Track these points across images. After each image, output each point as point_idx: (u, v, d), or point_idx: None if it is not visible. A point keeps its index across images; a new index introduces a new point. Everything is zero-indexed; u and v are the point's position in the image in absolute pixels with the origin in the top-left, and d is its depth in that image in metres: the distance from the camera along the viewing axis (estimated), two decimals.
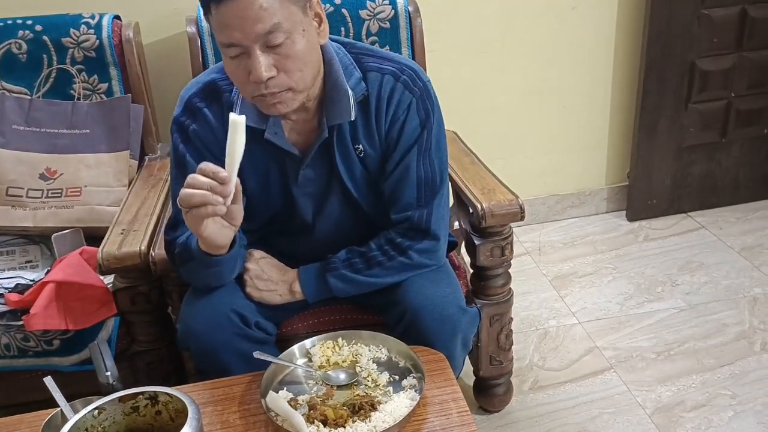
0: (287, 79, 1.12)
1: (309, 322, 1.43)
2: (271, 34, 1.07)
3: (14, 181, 1.67)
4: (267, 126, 1.22)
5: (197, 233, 1.11)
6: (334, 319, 1.43)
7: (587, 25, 2.33)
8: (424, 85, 1.26)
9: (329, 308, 1.44)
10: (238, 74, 1.12)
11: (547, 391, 1.81)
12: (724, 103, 2.45)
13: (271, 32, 1.07)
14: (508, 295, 1.58)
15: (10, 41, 1.72)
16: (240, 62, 1.10)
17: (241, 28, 1.06)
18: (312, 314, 1.43)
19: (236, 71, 1.12)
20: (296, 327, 1.42)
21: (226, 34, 1.07)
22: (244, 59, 1.10)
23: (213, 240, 1.12)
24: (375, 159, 1.28)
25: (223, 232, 1.12)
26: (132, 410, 0.99)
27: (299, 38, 1.11)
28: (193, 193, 1.04)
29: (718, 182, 2.58)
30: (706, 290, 2.16)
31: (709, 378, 1.81)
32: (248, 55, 1.09)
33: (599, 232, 2.53)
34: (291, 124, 1.25)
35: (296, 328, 1.42)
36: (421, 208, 1.29)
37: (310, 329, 1.42)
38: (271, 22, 1.06)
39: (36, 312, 1.37)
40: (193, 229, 1.11)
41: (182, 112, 1.25)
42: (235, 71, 1.13)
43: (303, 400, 1.12)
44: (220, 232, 1.12)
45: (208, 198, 1.04)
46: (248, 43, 1.07)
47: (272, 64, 1.09)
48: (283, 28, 1.08)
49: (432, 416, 1.09)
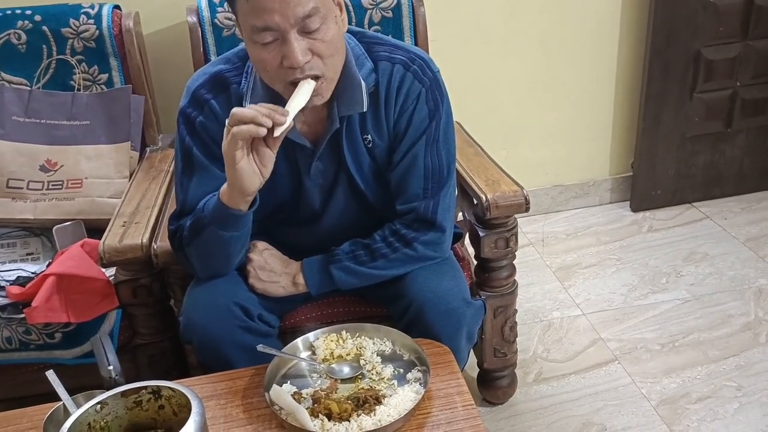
0: (321, 64, 1.11)
1: (312, 315, 1.42)
2: (309, 18, 1.06)
3: (14, 172, 1.66)
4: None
5: (231, 160, 1.09)
6: (337, 312, 1.43)
7: (591, 15, 2.30)
8: (434, 75, 1.25)
9: (333, 300, 1.43)
10: (270, 61, 1.10)
11: (551, 383, 1.81)
12: (729, 92, 2.43)
13: (309, 16, 1.06)
14: (512, 286, 1.57)
15: (9, 31, 1.71)
16: (273, 49, 1.09)
17: (281, 11, 1.04)
18: (315, 307, 1.42)
19: (267, 58, 1.10)
20: (299, 320, 1.41)
21: (263, 18, 1.05)
22: (277, 46, 1.08)
23: (242, 178, 1.10)
24: (383, 149, 1.27)
25: (252, 174, 1.10)
26: (135, 405, 0.98)
27: (332, 24, 1.11)
28: (247, 111, 1.05)
29: (722, 172, 2.56)
30: (711, 281, 2.15)
31: (714, 369, 1.80)
32: (283, 40, 1.07)
33: (603, 222, 2.52)
34: (301, 116, 1.24)
35: (299, 321, 1.41)
36: (427, 200, 1.28)
37: (313, 322, 1.41)
38: (310, 5, 1.06)
39: (37, 305, 1.37)
40: (230, 154, 1.08)
41: (189, 103, 1.24)
42: (266, 58, 1.10)
43: (307, 394, 1.11)
44: (250, 171, 1.10)
45: (258, 117, 1.04)
46: (286, 27, 1.06)
47: (308, 49, 1.09)
48: (320, 13, 1.07)
49: (437, 409, 1.08)
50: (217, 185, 1.19)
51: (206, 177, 1.23)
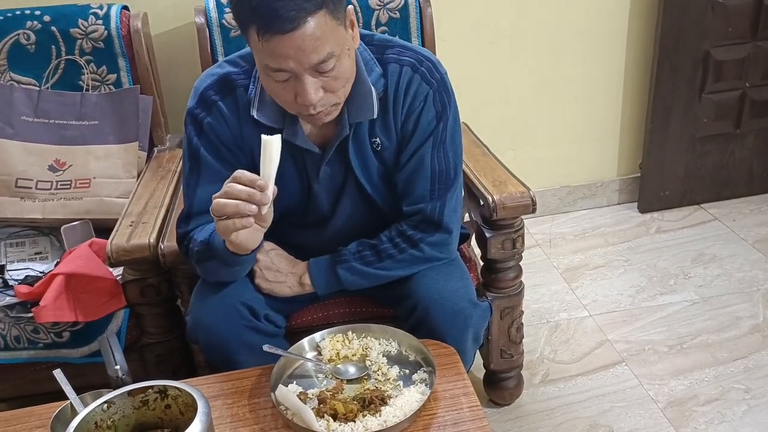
0: (333, 98, 1.12)
1: (318, 315, 1.42)
2: (323, 63, 1.06)
3: (23, 172, 1.67)
4: (285, 126, 1.21)
5: (228, 240, 1.10)
6: (343, 312, 1.43)
7: (600, 15, 2.30)
8: (441, 77, 1.25)
9: (339, 301, 1.43)
10: (284, 95, 1.11)
11: (558, 384, 1.80)
12: (738, 93, 2.42)
13: (324, 61, 1.06)
14: (519, 288, 1.57)
15: (19, 32, 1.72)
16: (286, 85, 1.09)
17: (296, 59, 1.04)
18: (322, 307, 1.42)
19: (282, 93, 1.11)
20: (306, 320, 1.41)
21: (278, 62, 1.05)
22: (291, 82, 1.08)
23: (244, 244, 1.11)
24: (391, 151, 1.27)
25: (254, 235, 1.11)
26: (141, 404, 0.99)
27: (345, 59, 1.11)
28: (227, 203, 1.03)
29: (731, 173, 2.55)
30: (719, 283, 2.14)
31: (722, 372, 1.79)
32: (297, 78, 1.07)
33: (611, 223, 2.51)
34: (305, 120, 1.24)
35: (306, 321, 1.41)
36: (434, 201, 1.28)
37: (319, 322, 1.41)
38: (325, 51, 1.05)
39: (46, 304, 1.37)
40: (224, 236, 1.09)
41: (196, 104, 1.24)
42: (280, 93, 1.11)
43: (312, 394, 1.11)
44: (251, 236, 1.10)
45: (241, 208, 1.02)
46: (300, 71, 1.06)
47: (321, 86, 1.09)
48: (335, 55, 1.07)
49: (443, 411, 1.08)
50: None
51: (214, 177, 1.23)
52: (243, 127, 1.23)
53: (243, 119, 1.22)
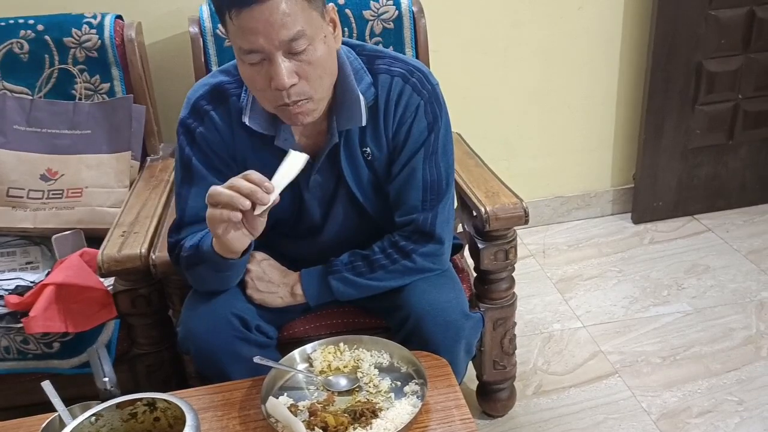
0: (307, 87, 1.11)
1: (310, 326, 1.41)
2: (294, 42, 1.06)
3: (15, 181, 1.67)
4: (277, 132, 1.21)
5: (214, 234, 1.11)
6: (335, 323, 1.42)
7: (593, 26, 2.31)
8: (432, 89, 1.25)
9: (331, 312, 1.42)
10: (258, 81, 1.10)
11: (551, 395, 1.80)
12: (731, 104, 2.43)
13: (295, 39, 1.06)
14: (512, 299, 1.57)
15: (12, 41, 1.71)
16: (260, 69, 1.09)
17: (265, 34, 1.04)
18: (313, 318, 1.42)
19: (256, 78, 1.10)
20: (297, 331, 1.41)
21: (249, 40, 1.05)
22: (265, 66, 1.08)
23: (229, 244, 1.11)
24: (382, 161, 1.27)
25: (241, 238, 1.11)
26: (130, 416, 0.98)
27: (320, 45, 1.10)
28: (222, 192, 1.05)
29: (724, 185, 2.56)
30: (713, 294, 2.14)
31: (715, 383, 1.79)
32: (270, 61, 1.07)
33: (604, 234, 2.52)
34: (300, 129, 1.24)
35: (297, 332, 1.41)
36: (426, 212, 1.28)
37: (311, 333, 1.40)
38: (295, 28, 1.05)
39: (36, 314, 1.36)
40: (212, 229, 1.10)
41: (189, 114, 1.24)
42: (254, 78, 1.10)
43: (303, 406, 1.11)
44: (238, 238, 1.11)
45: (234, 200, 1.03)
46: (271, 50, 1.06)
47: (294, 71, 1.08)
48: (306, 35, 1.07)
49: (434, 423, 1.07)
50: None
51: (205, 188, 1.22)
52: (235, 137, 1.23)
53: (235, 128, 1.23)
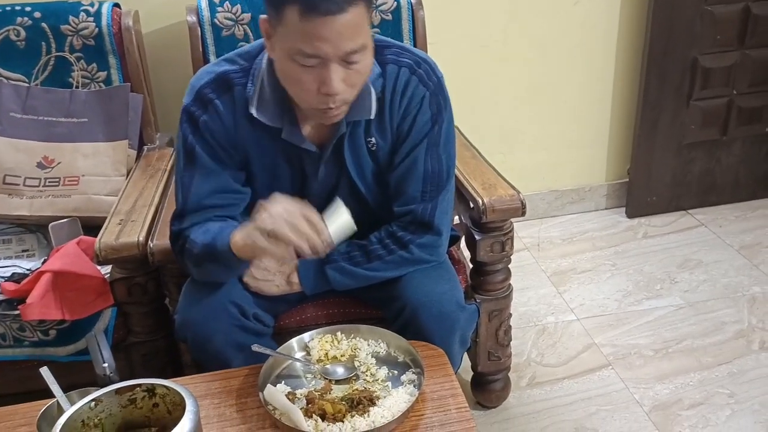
0: (350, 93, 1.12)
1: (307, 315, 1.42)
2: (354, 53, 1.07)
3: (11, 169, 1.66)
4: (284, 125, 1.21)
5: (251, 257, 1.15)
6: (332, 313, 1.42)
7: (589, 21, 2.31)
8: (438, 81, 1.26)
9: (328, 301, 1.43)
10: (306, 83, 1.09)
11: (545, 387, 1.81)
12: (725, 100, 2.44)
13: (355, 51, 1.07)
14: (507, 290, 1.57)
15: (9, 28, 1.71)
16: (311, 72, 1.08)
17: (333, 44, 1.04)
18: (310, 307, 1.42)
19: (304, 79, 1.09)
20: (294, 320, 1.41)
21: (313, 46, 1.04)
22: (317, 70, 1.07)
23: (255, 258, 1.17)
24: (385, 151, 1.28)
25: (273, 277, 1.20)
26: (129, 402, 0.98)
27: (369, 54, 1.12)
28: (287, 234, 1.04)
29: (718, 180, 2.57)
30: (705, 288, 2.16)
31: (707, 376, 1.81)
32: (324, 67, 1.07)
33: (598, 228, 2.53)
34: (304, 119, 1.23)
35: (294, 321, 1.41)
36: (425, 202, 1.28)
37: (308, 322, 1.41)
38: (359, 41, 1.06)
39: (32, 302, 1.36)
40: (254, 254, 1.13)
41: (192, 101, 1.22)
42: (302, 78, 1.09)
43: (301, 394, 1.11)
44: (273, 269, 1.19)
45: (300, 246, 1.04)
46: (333, 58, 1.06)
47: (343, 79, 1.09)
48: (366, 47, 1.09)
49: (430, 412, 1.08)
50: (220, 183, 1.21)
51: (209, 175, 1.22)
52: (238, 126, 1.22)
53: (239, 118, 1.22)
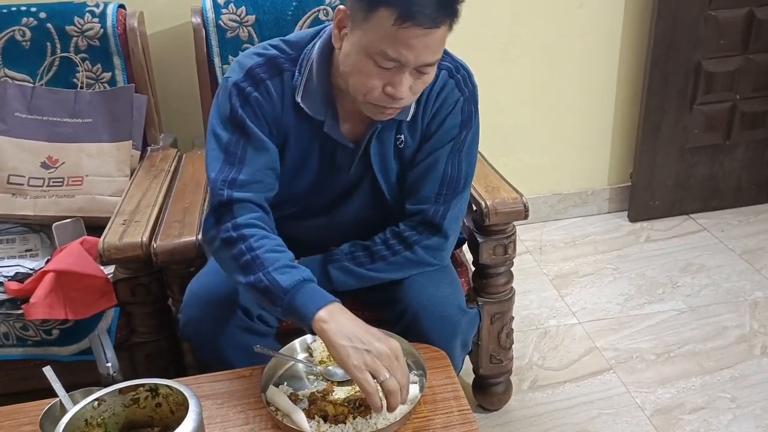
0: (410, 100, 1.15)
1: None
2: (430, 66, 1.10)
3: (15, 168, 1.66)
4: (326, 118, 1.21)
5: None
6: None
7: (593, 24, 2.32)
8: (473, 89, 1.28)
9: None
10: (375, 80, 1.10)
11: (546, 390, 1.81)
12: (729, 105, 2.44)
13: (431, 64, 1.10)
14: (509, 293, 1.58)
15: (14, 28, 1.71)
16: (383, 71, 1.09)
17: (418, 54, 1.06)
18: None
19: (374, 76, 1.10)
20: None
21: (399, 51, 1.06)
22: (390, 71, 1.09)
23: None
24: (412, 150, 1.29)
25: None
26: (132, 402, 0.98)
27: (436, 68, 1.15)
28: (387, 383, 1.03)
29: (720, 184, 2.57)
30: (707, 293, 2.16)
31: (708, 381, 1.81)
32: (399, 71, 1.09)
33: (601, 232, 2.53)
34: (345, 115, 1.24)
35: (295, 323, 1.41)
36: (438, 204, 1.28)
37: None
38: (438, 56, 1.11)
39: (36, 301, 1.37)
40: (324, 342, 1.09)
41: (244, 77, 1.20)
42: (372, 75, 1.10)
43: (303, 396, 1.11)
44: None
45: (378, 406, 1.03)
46: (410, 65, 1.08)
47: (410, 85, 1.11)
48: (437, 62, 1.12)
49: (433, 414, 1.08)
50: (272, 160, 1.21)
51: (261, 150, 1.20)
52: (284, 111, 1.22)
53: (286, 103, 1.22)
